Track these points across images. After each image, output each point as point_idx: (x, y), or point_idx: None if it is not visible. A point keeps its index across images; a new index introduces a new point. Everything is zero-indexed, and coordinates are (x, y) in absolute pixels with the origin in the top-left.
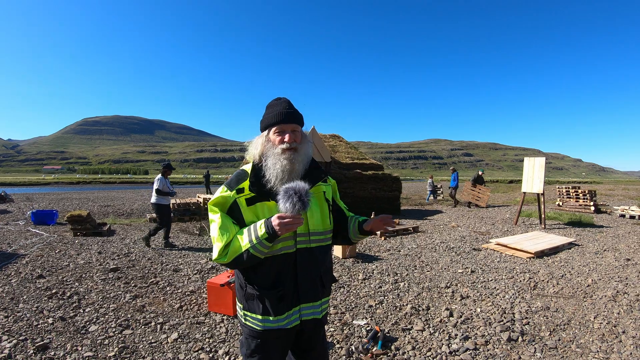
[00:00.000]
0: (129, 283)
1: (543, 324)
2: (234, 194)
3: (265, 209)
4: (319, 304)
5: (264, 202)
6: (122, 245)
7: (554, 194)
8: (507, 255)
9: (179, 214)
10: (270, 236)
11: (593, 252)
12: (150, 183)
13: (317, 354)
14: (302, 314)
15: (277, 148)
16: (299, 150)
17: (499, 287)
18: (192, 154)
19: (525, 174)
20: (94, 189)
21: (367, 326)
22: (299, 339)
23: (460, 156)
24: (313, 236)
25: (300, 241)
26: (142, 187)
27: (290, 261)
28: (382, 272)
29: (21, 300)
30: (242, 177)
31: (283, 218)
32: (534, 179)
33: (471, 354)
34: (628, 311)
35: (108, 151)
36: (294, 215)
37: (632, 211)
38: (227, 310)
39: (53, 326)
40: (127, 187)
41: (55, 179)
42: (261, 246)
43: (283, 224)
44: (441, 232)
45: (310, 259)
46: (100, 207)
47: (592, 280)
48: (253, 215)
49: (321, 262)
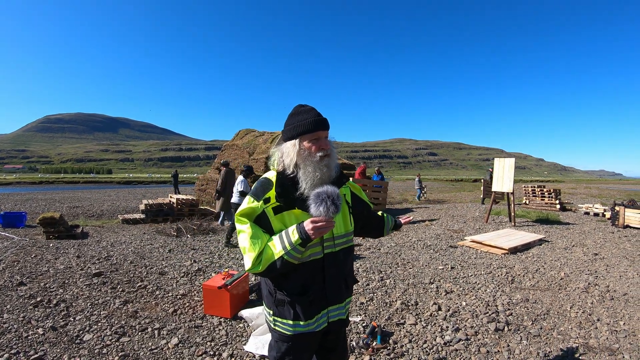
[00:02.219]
0: (115, 288)
1: (525, 315)
2: (262, 204)
3: (292, 217)
4: (344, 305)
5: (291, 211)
6: (99, 249)
7: (519, 193)
8: (482, 252)
9: (151, 215)
10: (304, 241)
11: (562, 248)
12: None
13: (339, 353)
14: (329, 316)
15: (316, 156)
16: (331, 156)
17: (480, 281)
18: (156, 152)
19: (495, 174)
20: (58, 188)
21: (362, 322)
22: (324, 339)
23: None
24: (337, 240)
25: (327, 246)
26: (108, 187)
27: (318, 266)
28: (367, 270)
29: (5, 310)
30: (267, 187)
31: (316, 222)
32: (504, 179)
33: (464, 343)
34: (600, 301)
35: (71, 150)
36: (327, 219)
37: (595, 209)
38: (224, 312)
39: (45, 337)
40: (92, 187)
41: (16, 178)
42: (295, 252)
43: (317, 228)
44: (416, 230)
45: (336, 262)
46: (69, 208)
47: (564, 274)
48: (281, 224)
49: (345, 265)
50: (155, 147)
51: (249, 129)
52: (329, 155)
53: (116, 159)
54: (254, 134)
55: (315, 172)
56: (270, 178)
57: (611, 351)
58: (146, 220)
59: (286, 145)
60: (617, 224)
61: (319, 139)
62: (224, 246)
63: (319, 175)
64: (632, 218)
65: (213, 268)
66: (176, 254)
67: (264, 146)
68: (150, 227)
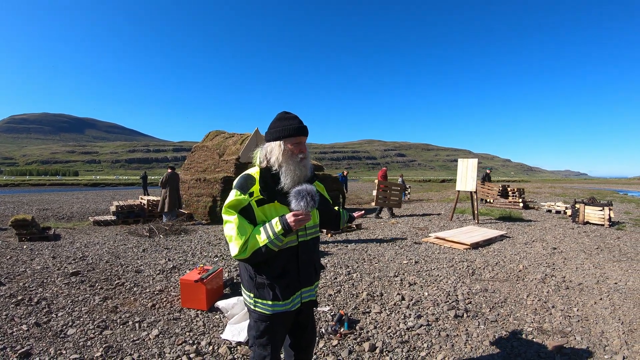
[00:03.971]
0: (94, 286)
1: (483, 303)
2: (248, 197)
3: (272, 209)
4: (314, 287)
5: (272, 204)
6: (74, 249)
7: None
8: (445, 247)
9: (122, 216)
10: (286, 231)
11: (523, 243)
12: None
13: (309, 331)
14: (302, 297)
15: (297, 157)
16: (308, 158)
17: (442, 274)
18: (123, 154)
19: (459, 174)
20: (24, 191)
21: (330, 311)
22: (296, 318)
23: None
24: (309, 230)
25: (300, 235)
26: (75, 189)
27: (293, 252)
28: (335, 265)
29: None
30: (251, 182)
31: (297, 215)
32: (468, 178)
33: (425, 328)
34: (556, 290)
35: (36, 151)
36: (306, 213)
37: (557, 207)
38: (201, 305)
39: (30, 332)
40: (59, 190)
41: None
42: (277, 240)
43: (297, 220)
44: (382, 228)
45: (308, 249)
46: (39, 210)
47: (523, 267)
48: (263, 215)
49: (314, 252)
50: (122, 149)
51: (218, 130)
52: (306, 157)
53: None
54: (223, 136)
55: (296, 170)
56: (253, 174)
57: (563, 334)
58: (117, 221)
59: (272, 145)
60: (578, 221)
61: (300, 143)
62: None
63: (299, 173)
64: (591, 215)
65: (187, 266)
66: (150, 253)
67: (234, 147)
68: (122, 228)
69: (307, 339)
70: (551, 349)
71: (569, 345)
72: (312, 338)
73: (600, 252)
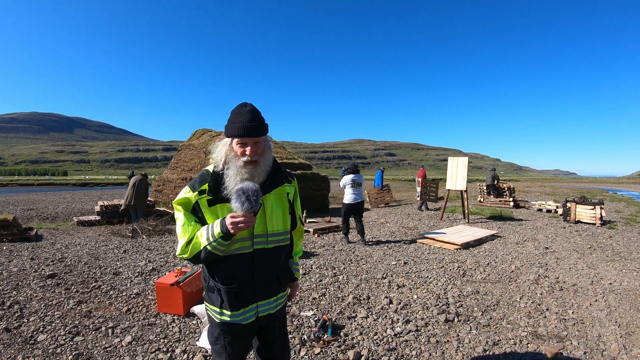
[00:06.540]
0: (69, 289)
1: (475, 306)
2: (196, 195)
3: (225, 210)
4: (274, 300)
5: (224, 204)
6: (54, 251)
7: (475, 191)
8: (435, 247)
9: (107, 217)
10: (225, 235)
11: (514, 243)
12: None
13: (279, 345)
14: (258, 310)
15: (240, 160)
16: (259, 162)
17: (432, 275)
18: (113, 153)
19: (449, 173)
20: (12, 191)
21: (314, 316)
22: (260, 332)
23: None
24: (271, 237)
25: (257, 242)
26: (64, 189)
27: (247, 261)
28: (320, 267)
29: None
30: (204, 179)
31: (235, 217)
32: (458, 177)
33: (414, 334)
34: (550, 292)
35: (25, 151)
36: (245, 215)
37: (548, 205)
38: (177, 310)
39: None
40: (47, 190)
41: None
42: (217, 244)
43: (234, 223)
44: (371, 228)
45: (266, 259)
46: (23, 210)
47: (515, 267)
48: (214, 216)
49: (278, 262)
50: (112, 148)
51: (205, 129)
52: (256, 162)
53: (72, 160)
54: (210, 134)
55: (236, 176)
56: (209, 170)
57: (559, 338)
58: (101, 221)
59: (220, 142)
60: (569, 220)
61: (245, 144)
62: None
63: (239, 179)
64: (583, 214)
65: (168, 267)
66: (131, 254)
67: None
68: (106, 228)
69: (276, 355)
70: (550, 356)
71: (566, 351)
72: (281, 354)
73: (593, 252)
